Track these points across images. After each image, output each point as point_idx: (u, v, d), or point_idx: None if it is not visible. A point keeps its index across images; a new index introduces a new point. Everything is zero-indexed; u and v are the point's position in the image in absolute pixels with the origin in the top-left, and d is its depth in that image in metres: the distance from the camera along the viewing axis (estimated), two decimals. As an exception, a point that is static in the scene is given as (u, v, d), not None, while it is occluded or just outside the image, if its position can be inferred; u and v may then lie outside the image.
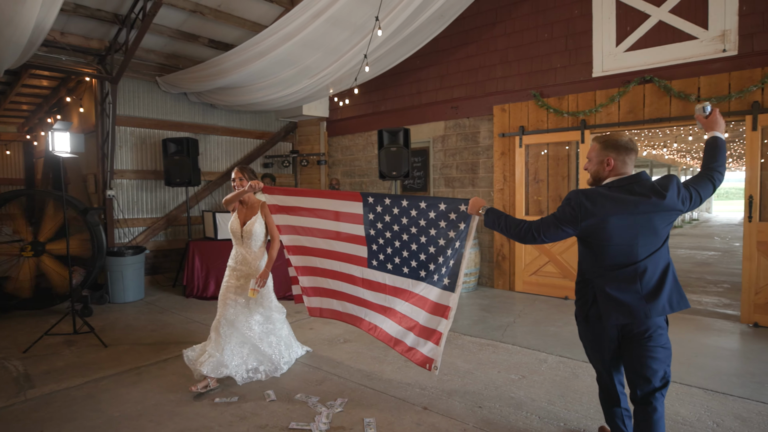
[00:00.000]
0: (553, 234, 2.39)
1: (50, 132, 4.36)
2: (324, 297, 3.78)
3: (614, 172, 2.38)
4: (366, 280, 3.41)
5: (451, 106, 7.25)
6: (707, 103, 2.53)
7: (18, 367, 4.15)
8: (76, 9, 5.67)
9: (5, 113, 9.07)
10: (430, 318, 3.05)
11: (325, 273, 3.69)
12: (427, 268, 3.07)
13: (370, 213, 3.28)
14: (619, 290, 2.29)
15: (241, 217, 3.77)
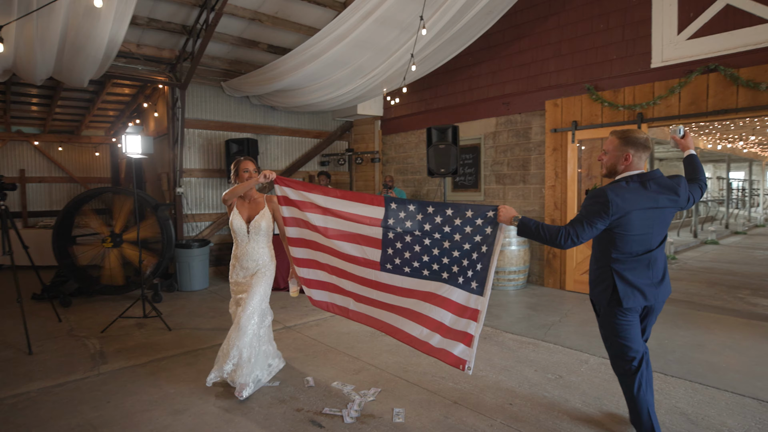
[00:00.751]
0: (588, 234, 2.53)
1: (123, 135, 4.85)
2: (332, 293, 3.54)
3: (630, 168, 2.57)
4: (379, 283, 3.24)
5: (503, 102, 7.15)
6: (681, 125, 2.88)
7: (95, 345, 4.68)
8: (149, 23, 6.22)
9: (94, 119, 10.11)
10: (457, 320, 2.97)
11: (333, 270, 3.47)
12: (450, 271, 2.99)
13: (390, 218, 3.14)
14: (637, 276, 2.57)
15: (244, 213, 3.62)
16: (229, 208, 3.63)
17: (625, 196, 2.47)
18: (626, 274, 2.57)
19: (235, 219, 3.59)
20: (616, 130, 2.64)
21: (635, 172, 2.57)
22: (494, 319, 5.31)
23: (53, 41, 4.37)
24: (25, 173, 10.30)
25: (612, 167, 2.62)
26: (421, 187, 8.63)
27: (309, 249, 3.53)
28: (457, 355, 2.94)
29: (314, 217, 3.33)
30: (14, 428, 3.10)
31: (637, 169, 2.56)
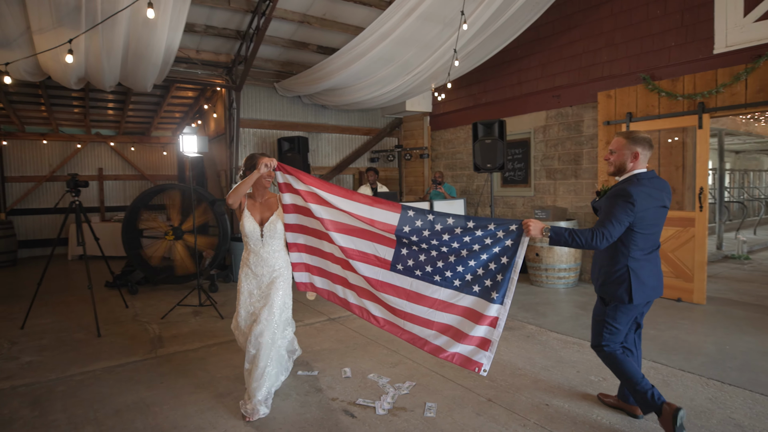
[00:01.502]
0: (618, 231, 2.63)
1: (180, 136, 5.19)
2: (334, 283, 3.32)
3: (637, 166, 2.73)
4: (386, 283, 3.09)
5: (553, 94, 6.92)
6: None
7: (155, 330, 5.06)
8: (206, 30, 6.59)
9: (162, 121, 10.84)
10: (473, 326, 2.89)
11: (337, 260, 3.25)
12: (463, 279, 2.93)
13: (406, 225, 3.02)
14: (649, 273, 2.76)
15: (256, 215, 3.24)
16: (238, 211, 3.23)
17: (644, 192, 2.62)
18: (641, 272, 2.73)
19: (247, 222, 3.22)
20: (620, 131, 2.83)
21: (642, 171, 2.74)
22: (540, 317, 5.18)
23: (117, 51, 4.77)
24: (102, 171, 11.24)
25: (621, 165, 2.76)
26: (470, 182, 8.54)
27: (310, 236, 3.27)
28: (470, 358, 2.88)
29: (319, 208, 3.09)
30: (79, 402, 3.43)
31: (643, 168, 2.73)
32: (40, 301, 6.22)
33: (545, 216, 6.51)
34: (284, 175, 3.15)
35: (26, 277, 8.29)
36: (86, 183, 5.28)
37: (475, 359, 2.87)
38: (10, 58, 4.47)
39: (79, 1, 3.87)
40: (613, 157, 2.79)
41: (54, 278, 7.96)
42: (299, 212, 3.19)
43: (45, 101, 8.43)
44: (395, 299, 3.06)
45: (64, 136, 10.66)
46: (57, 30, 4.15)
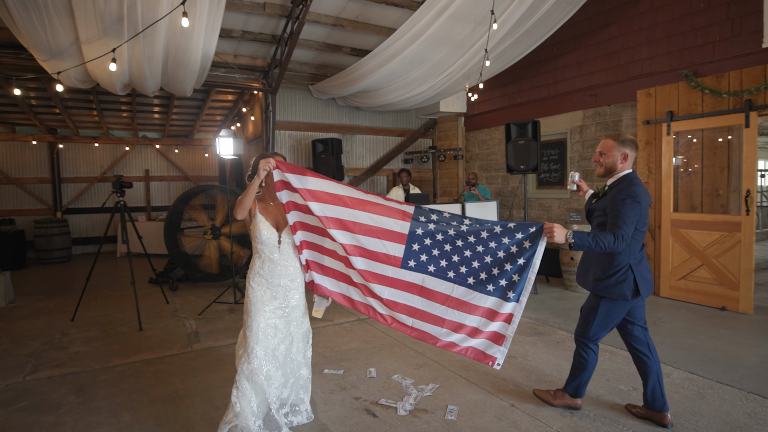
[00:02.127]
0: (631, 232, 2.71)
1: (217, 139, 5.39)
2: (339, 281, 3.07)
3: (626, 167, 2.85)
4: (397, 280, 2.96)
5: (590, 93, 6.73)
6: (575, 173, 3.27)
7: (192, 326, 5.28)
8: (243, 35, 6.81)
9: (203, 124, 11.26)
10: (487, 323, 2.87)
11: (340, 258, 3.01)
12: (477, 277, 2.87)
13: (421, 216, 2.95)
14: (644, 269, 2.91)
15: (270, 219, 2.86)
16: (248, 219, 2.83)
17: (643, 192, 2.78)
18: (640, 268, 2.89)
19: (263, 228, 2.80)
20: (609, 134, 2.93)
21: (630, 171, 2.88)
22: (571, 323, 5.05)
23: (158, 58, 5.02)
24: (149, 173, 11.82)
25: (612, 166, 2.87)
26: (505, 184, 8.42)
27: (312, 233, 2.97)
28: (484, 352, 2.88)
29: (319, 206, 2.84)
30: (119, 391, 3.64)
31: (630, 169, 2.87)
32: (89, 296, 6.61)
33: (580, 219, 6.34)
34: (282, 173, 2.80)
35: (79, 272, 8.82)
36: (130, 184, 5.57)
37: (489, 353, 2.86)
38: (61, 67, 4.80)
39: (122, 12, 4.11)
40: (603, 158, 2.90)
41: (103, 274, 8.42)
42: (298, 209, 2.89)
43: (96, 106, 8.93)
44: (409, 296, 2.96)
45: (113, 139, 11.28)
46: (102, 40, 4.42)
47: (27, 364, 4.24)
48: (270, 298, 2.84)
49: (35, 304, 6.36)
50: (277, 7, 6.31)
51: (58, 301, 6.45)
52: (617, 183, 2.84)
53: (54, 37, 4.46)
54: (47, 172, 10.68)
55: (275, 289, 2.86)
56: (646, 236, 6.13)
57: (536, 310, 5.57)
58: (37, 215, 10.48)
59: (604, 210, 2.84)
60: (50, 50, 4.65)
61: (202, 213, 7.00)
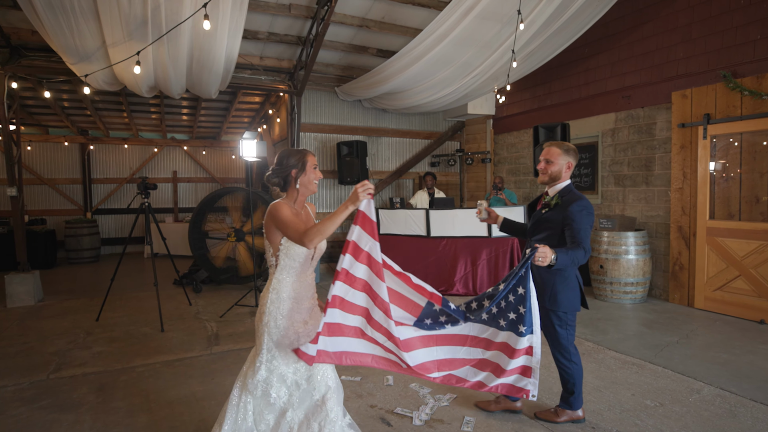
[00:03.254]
0: (589, 244, 2.75)
1: (240, 141, 5.40)
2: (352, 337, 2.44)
3: (568, 176, 2.87)
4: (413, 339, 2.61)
5: (623, 95, 6.48)
6: (482, 202, 3.16)
7: (213, 328, 5.28)
8: (269, 37, 6.83)
9: (230, 126, 11.39)
10: (508, 360, 2.66)
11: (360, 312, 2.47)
12: (489, 312, 2.71)
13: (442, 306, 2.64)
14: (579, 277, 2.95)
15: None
16: (273, 232, 2.31)
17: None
18: (580, 278, 2.93)
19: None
20: (554, 142, 2.90)
21: (570, 181, 2.90)
22: (599, 333, 4.85)
23: (182, 60, 5.06)
24: (176, 174, 12.02)
25: (557, 175, 2.85)
26: (533, 189, 8.21)
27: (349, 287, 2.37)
28: (515, 385, 2.69)
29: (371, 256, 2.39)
30: (138, 391, 3.65)
31: (570, 179, 2.91)
32: (114, 296, 6.73)
33: (611, 226, 6.10)
34: (370, 203, 2.33)
35: (107, 272, 9.00)
36: (155, 186, 5.63)
37: (520, 386, 2.67)
38: (89, 70, 4.89)
39: (146, 15, 4.15)
40: (549, 166, 2.87)
41: (130, 274, 8.57)
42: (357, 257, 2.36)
43: (126, 108, 9.12)
44: (427, 350, 2.65)
45: (143, 141, 11.52)
46: (128, 43, 4.48)
47: (51, 362, 4.31)
48: (300, 323, 2.36)
49: (62, 303, 6.50)
50: (302, 8, 6.30)
51: (84, 301, 6.57)
52: (566, 193, 2.84)
53: (81, 40, 4.54)
54: (78, 173, 10.98)
55: (303, 313, 2.38)
56: (681, 244, 5.85)
57: (563, 320, 5.38)
58: (68, 215, 10.78)
59: (559, 222, 2.79)
60: (78, 53, 4.74)
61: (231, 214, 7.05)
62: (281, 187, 2.39)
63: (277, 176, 2.37)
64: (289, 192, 2.40)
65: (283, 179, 2.36)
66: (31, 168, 10.63)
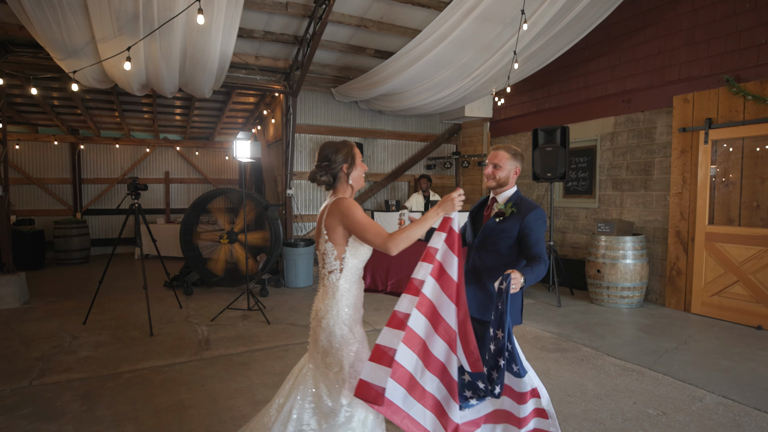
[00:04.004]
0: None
1: (234, 141, 5.27)
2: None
3: (515, 181, 2.71)
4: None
5: (623, 99, 6.42)
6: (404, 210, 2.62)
7: (204, 332, 5.14)
8: (264, 35, 6.71)
9: (224, 126, 11.24)
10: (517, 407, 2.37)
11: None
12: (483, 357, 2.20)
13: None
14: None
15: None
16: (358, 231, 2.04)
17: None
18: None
19: (364, 247, 2.14)
20: (501, 145, 2.74)
21: (517, 187, 2.74)
22: (597, 339, 4.77)
23: (175, 58, 4.93)
24: (169, 175, 11.84)
25: (505, 181, 2.67)
26: (530, 192, 8.13)
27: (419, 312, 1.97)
28: (543, 429, 2.41)
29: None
30: (124, 400, 3.50)
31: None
32: (104, 298, 6.56)
33: (609, 230, 6.03)
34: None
35: (96, 273, 8.80)
36: (145, 186, 5.49)
37: (545, 428, 2.41)
38: (78, 66, 4.75)
39: (137, 9, 4.02)
40: (498, 172, 2.68)
41: (121, 276, 8.39)
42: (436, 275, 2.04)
43: (117, 107, 8.95)
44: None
45: (134, 141, 11.33)
46: (118, 38, 4.34)
47: (35, 367, 4.15)
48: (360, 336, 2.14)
49: (49, 306, 6.32)
50: (299, 6, 6.19)
51: (72, 303, 6.40)
52: (518, 201, 2.62)
53: (69, 35, 4.40)
54: (68, 172, 10.77)
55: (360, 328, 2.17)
56: (679, 249, 5.79)
57: (559, 325, 5.29)
58: (58, 216, 10.56)
59: (515, 232, 2.54)
60: (66, 49, 4.59)
61: (222, 216, 6.91)
62: (329, 185, 2.19)
63: (326, 174, 2.15)
64: (338, 189, 2.18)
65: (334, 176, 2.16)
66: (20, 167, 10.40)
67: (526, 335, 4.91)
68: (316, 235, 2.23)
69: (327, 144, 2.22)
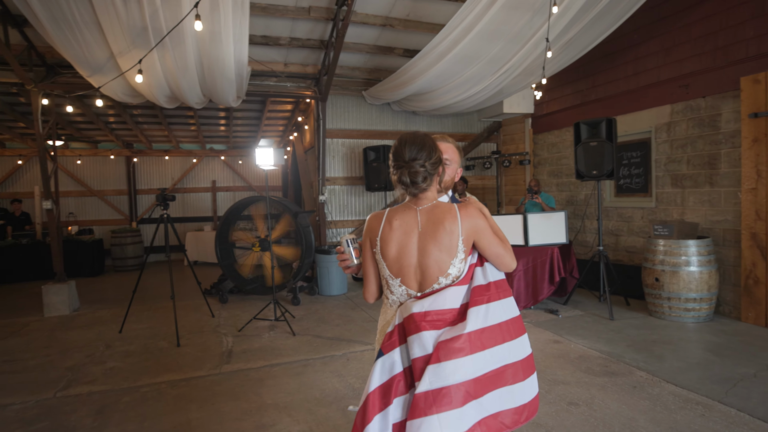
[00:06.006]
0: None
1: (255, 149, 5.18)
2: None
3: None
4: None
5: (680, 84, 5.71)
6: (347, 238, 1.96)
7: (229, 344, 5.06)
8: (291, 42, 6.62)
9: (264, 134, 11.38)
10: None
11: None
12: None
13: None
14: None
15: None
16: (492, 239, 1.79)
17: None
18: None
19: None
20: (449, 138, 2.06)
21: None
22: (654, 361, 4.16)
23: (191, 67, 4.90)
24: (215, 183, 12.17)
25: (451, 183, 2.05)
26: (577, 191, 7.50)
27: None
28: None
29: None
30: (135, 416, 3.45)
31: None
32: (144, 305, 6.74)
33: (667, 232, 5.35)
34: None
35: (147, 280, 9.12)
36: (173, 197, 5.54)
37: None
38: (103, 81, 4.83)
39: (144, 21, 4.00)
40: (450, 170, 2.02)
41: (164, 283, 8.62)
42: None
43: (162, 121, 9.25)
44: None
45: (182, 152, 11.75)
46: (132, 52, 4.37)
47: (63, 378, 4.23)
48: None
49: (95, 313, 6.55)
50: (322, 10, 6.04)
51: (115, 311, 6.58)
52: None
53: (90, 51, 4.47)
54: (124, 184, 11.34)
55: None
56: (756, 254, 5.02)
57: (610, 342, 4.70)
58: (116, 225, 11.12)
59: None
60: (90, 65, 4.69)
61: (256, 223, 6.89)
62: (423, 189, 1.77)
63: (429, 174, 1.75)
64: (427, 194, 1.79)
65: (431, 176, 1.77)
66: (82, 180, 11.07)
67: (569, 354, 4.39)
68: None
69: (417, 139, 1.79)
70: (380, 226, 1.83)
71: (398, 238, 1.77)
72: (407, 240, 1.77)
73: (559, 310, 5.83)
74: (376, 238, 1.83)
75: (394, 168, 1.79)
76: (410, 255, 1.76)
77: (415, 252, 1.76)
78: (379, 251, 1.81)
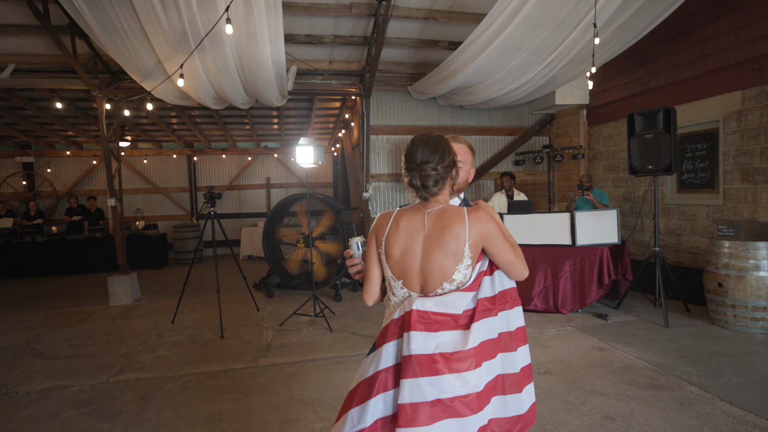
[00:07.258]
0: None
1: (296, 147, 5.27)
2: None
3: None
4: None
5: (753, 67, 5.16)
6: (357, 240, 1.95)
7: (269, 338, 5.20)
8: (334, 40, 6.65)
9: (314, 132, 11.61)
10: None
11: None
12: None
13: None
14: None
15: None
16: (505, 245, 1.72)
17: None
18: None
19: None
20: (460, 137, 2.00)
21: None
22: (709, 375, 3.79)
23: (232, 69, 5.06)
24: (269, 180, 12.56)
25: (464, 185, 1.99)
26: (635, 187, 7.00)
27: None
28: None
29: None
30: (174, 404, 3.64)
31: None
32: (197, 297, 7.10)
33: (733, 233, 4.87)
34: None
35: (204, 273, 9.61)
36: (220, 195, 5.76)
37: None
38: (152, 86, 5.11)
39: (184, 27, 4.16)
40: (463, 172, 1.96)
41: (223, 275, 9.00)
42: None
43: (217, 121, 9.66)
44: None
45: (238, 150, 12.24)
46: (176, 57, 4.57)
47: (117, 364, 4.53)
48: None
49: (153, 304, 6.98)
50: (363, 6, 6.01)
51: (172, 302, 6.94)
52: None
53: (139, 58, 4.73)
54: (186, 181, 12.00)
55: None
56: (838, 258, 4.45)
57: (661, 351, 4.34)
58: (178, 220, 11.80)
59: None
60: (140, 71, 4.97)
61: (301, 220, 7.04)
62: (434, 193, 1.71)
63: (441, 177, 1.68)
64: (438, 197, 1.73)
65: (444, 180, 1.70)
66: (148, 178, 11.83)
67: (613, 363, 4.10)
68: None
69: (429, 140, 1.72)
70: (387, 226, 1.79)
71: (403, 240, 1.73)
72: (412, 242, 1.72)
73: (609, 314, 5.48)
74: (382, 237, 1.79)
75: (406, 170, 1.74)
76: (413, 258, 1.72)
77: (419, 256, 1.71)
78: (384, 251, 1.78)
